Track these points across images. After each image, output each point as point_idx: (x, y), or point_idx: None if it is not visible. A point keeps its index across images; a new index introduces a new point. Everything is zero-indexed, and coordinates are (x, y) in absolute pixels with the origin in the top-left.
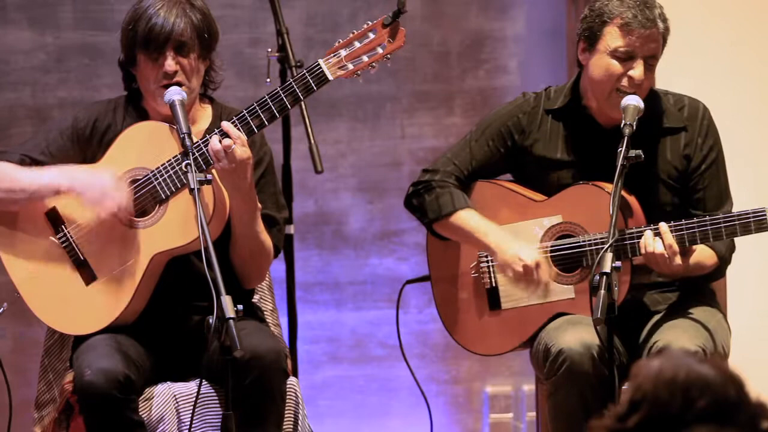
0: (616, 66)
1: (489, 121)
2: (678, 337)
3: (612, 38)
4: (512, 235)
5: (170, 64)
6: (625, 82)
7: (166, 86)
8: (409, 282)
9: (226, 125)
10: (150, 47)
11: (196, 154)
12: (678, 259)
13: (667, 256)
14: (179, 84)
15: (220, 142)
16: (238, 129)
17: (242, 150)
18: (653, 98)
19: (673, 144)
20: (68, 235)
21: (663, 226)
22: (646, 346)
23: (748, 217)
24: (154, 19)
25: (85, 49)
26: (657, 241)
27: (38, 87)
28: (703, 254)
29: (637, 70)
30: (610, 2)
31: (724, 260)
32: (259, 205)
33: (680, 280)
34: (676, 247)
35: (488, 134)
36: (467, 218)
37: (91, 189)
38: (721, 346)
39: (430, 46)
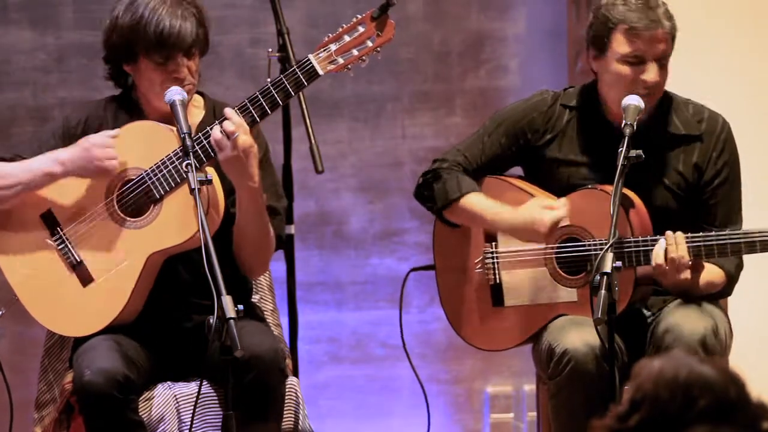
0: (627, 72)
1: (503, 117)
2: (685, 319)
3: (619, 45)
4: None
5: (183, 71)
6: (639, 85)
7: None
8: (414, 270)
9: (229, 112)
10: (160, 54)
11: (198, 150)
12: (686, 273)
13: (676, 266)
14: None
15: (222, 131)
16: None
17: (245, 138)
18: (669, 104)
19: (686, 154)
20: (63, 236)
21: (678, 236)
22: (655, 333)
23: (754, 237)
24: (161, 25)
25: (85, 49)
26: (668, 252)
27: (39, 87)
28: (713, 273)
29: (650, 73)
30: (613, 7)
31: (732, 278)
32: (265, 196)
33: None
34: (686, 259)
35: (501, 131)
36: (475, 201)
37: (80, 161)
38: (723, 335)
39: (431, 47)
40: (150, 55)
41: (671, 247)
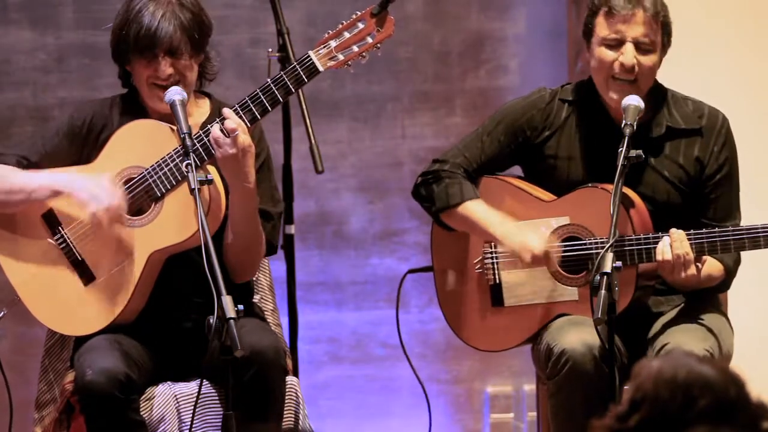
0: (607, 54)
1: (502, 116)
2: (687, 340)
3: (600, 28)
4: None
5: (164, 70)
6: (617, 68)
7: (161, 86)
8: (411, 271)
9: (227, 112)
10: (142, 53)
11: (199, 148)
12: (692, 269)
13: (682, 263)
14: (176, 83)
15: (222, 129)
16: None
17: (244, 137)
18: (668, 100)
19: (687, 148)
20: (65, 236)
21: (681, 234)
22: (654, 348)
23: (758, 232)
24: (144, 25)
25: (85, 49)
26: (673, 249)
27: (39, 87)
28: (713, 266)
29: (626, 55)
30: None
31: (730, 273)
32: (258, 198)
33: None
34: (691, 256)
35: (500, 129)
36: (474, 209)
37: (86, 190)
38: (727, 350)
39: (431, 47)
40: (136, 55)
41: (676, 243)
